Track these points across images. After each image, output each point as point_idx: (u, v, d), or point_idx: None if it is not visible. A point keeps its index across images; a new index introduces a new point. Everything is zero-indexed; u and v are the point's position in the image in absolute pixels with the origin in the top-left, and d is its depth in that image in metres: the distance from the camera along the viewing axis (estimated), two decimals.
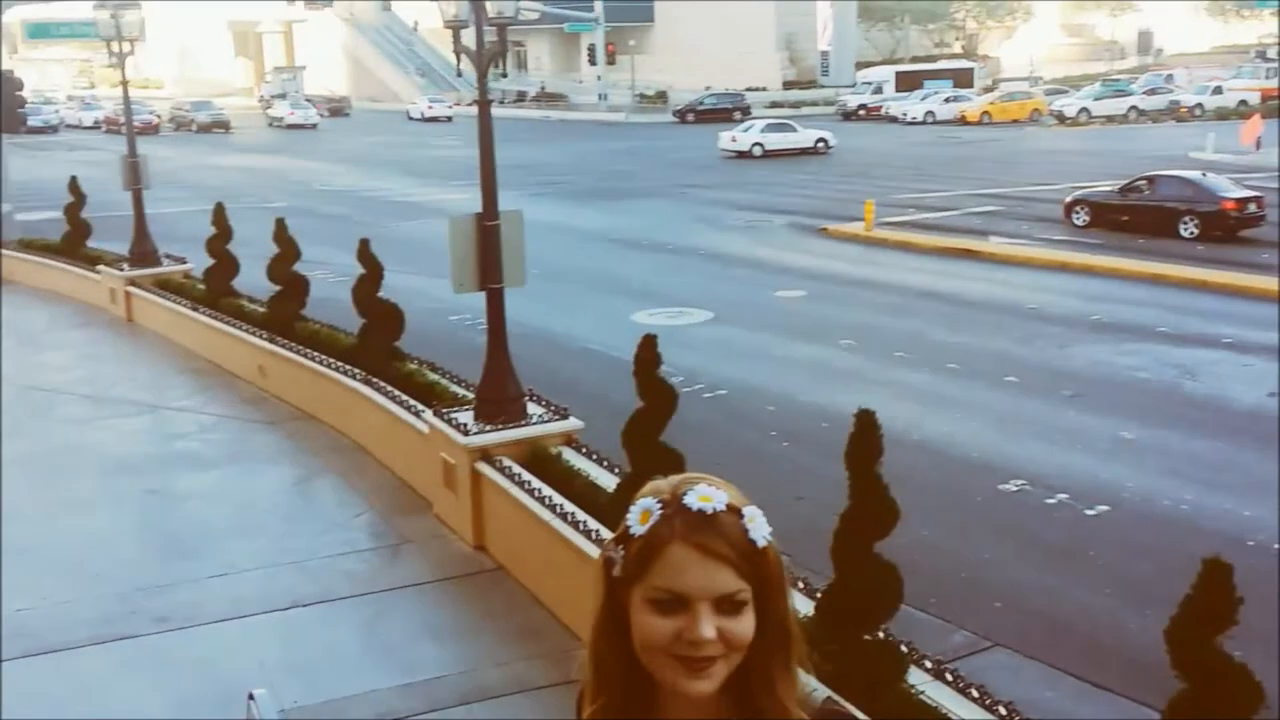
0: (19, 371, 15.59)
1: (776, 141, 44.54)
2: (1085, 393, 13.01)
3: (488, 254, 9.46)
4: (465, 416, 9.74)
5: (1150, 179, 24.41)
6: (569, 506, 8.20)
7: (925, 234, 24.65)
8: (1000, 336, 15.78)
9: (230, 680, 7.18)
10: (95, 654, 7.86)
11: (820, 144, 45.20)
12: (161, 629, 8.17)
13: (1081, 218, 24.99)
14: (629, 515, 1.79)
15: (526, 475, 8.84)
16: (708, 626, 1.70)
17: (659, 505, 1.76)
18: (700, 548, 1.71)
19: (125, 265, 18.15)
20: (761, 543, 1.75)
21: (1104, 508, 9.69)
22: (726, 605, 1.72)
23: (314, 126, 67.06)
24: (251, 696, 5.89)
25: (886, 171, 37.51)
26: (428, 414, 10.13)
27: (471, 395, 10.18)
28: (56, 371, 15.45)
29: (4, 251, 21.84)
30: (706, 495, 1.75)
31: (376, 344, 11.72)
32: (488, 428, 9.49)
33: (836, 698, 1.86)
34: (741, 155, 43.94)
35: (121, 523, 10.27)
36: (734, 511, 1.75)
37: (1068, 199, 25.83)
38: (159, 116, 65.33)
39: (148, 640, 8.04)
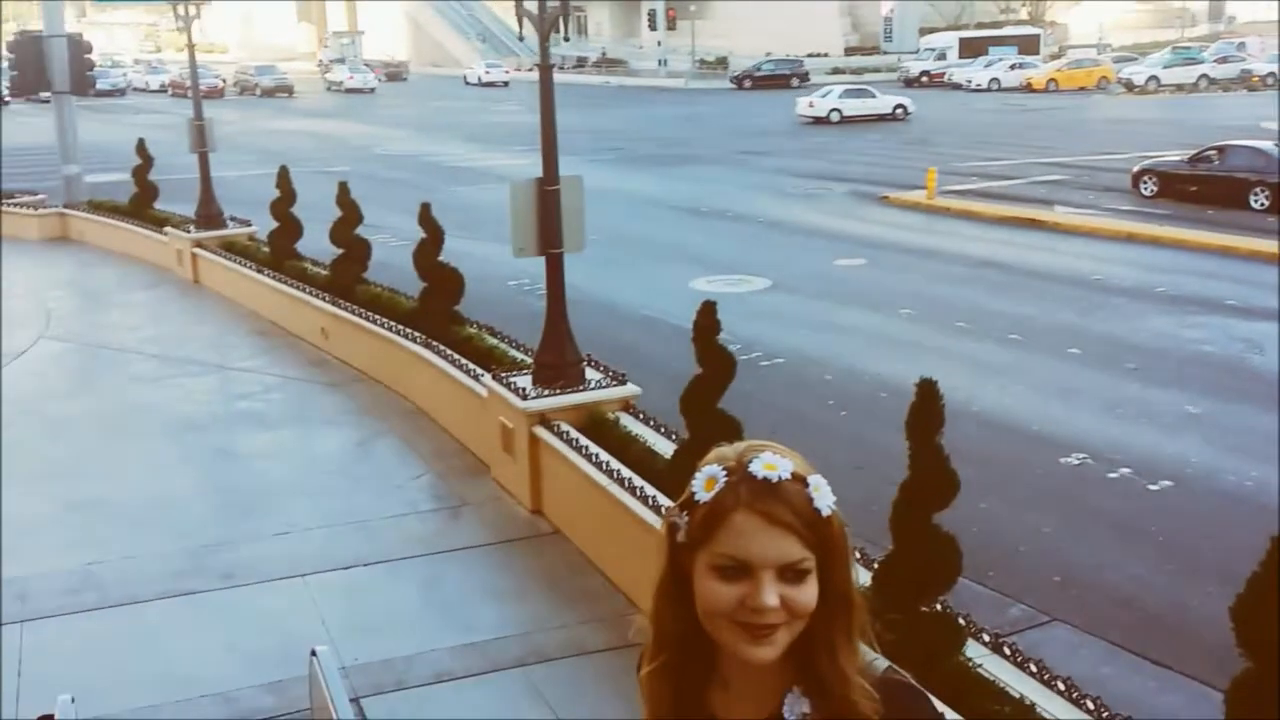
0: (90, 330, 15.94)
1: (855, 107, 44.07)
2: (1149, 366, 12.80)
3: (548, 219, 9.48)
4: (523, 381, 9.80)
5: (1220, 149, 23.85)
6: (626, 472, 8.23)
7: (988, 203, 24.31)
8: (1063, 307, 15.56)
9: (292, 637, 7.33)
10: (162, 608, 8.05)
11: (899, 110, 44.65)
12: (226, 585, 8.34)
13: (1149, 188, 24.50)
14: (694, 481, 1.80)
15: (584, 440, 8.89)
16: (771, 594, 1.71)
17: (724, 472, 1.76)
18: (765, 516, 1.72)
19: (191, 227, 18.40)
20: (826, 511, 1.75)
21: (1167, 483, 9.55)
22: (790, 573, 1.72)
23: (372, 91, 67.65)
24: (314, 653, 6.02)
25: (949, 139, 37.00)
26: (486, 378, 10.21)
27: (530, 360, 10.24)
28: (126, 331, 15.76)
29: (74, 212, 22.25)
30: (772, 463, 1.75)
31: (436, 308, 11.81)
32: (546, 392, 9.54)
33: (897, 668, 1.85)
34: (819, 121, 43.54)
35: (188, 480, 10.48)
36: (799, 480, 1.75)
37: (1135, 168, 25.34)
38: (224, 81, 66.05)
39: (213, 596, 8.22)
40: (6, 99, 59.35)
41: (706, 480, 1.77)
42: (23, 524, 9.48)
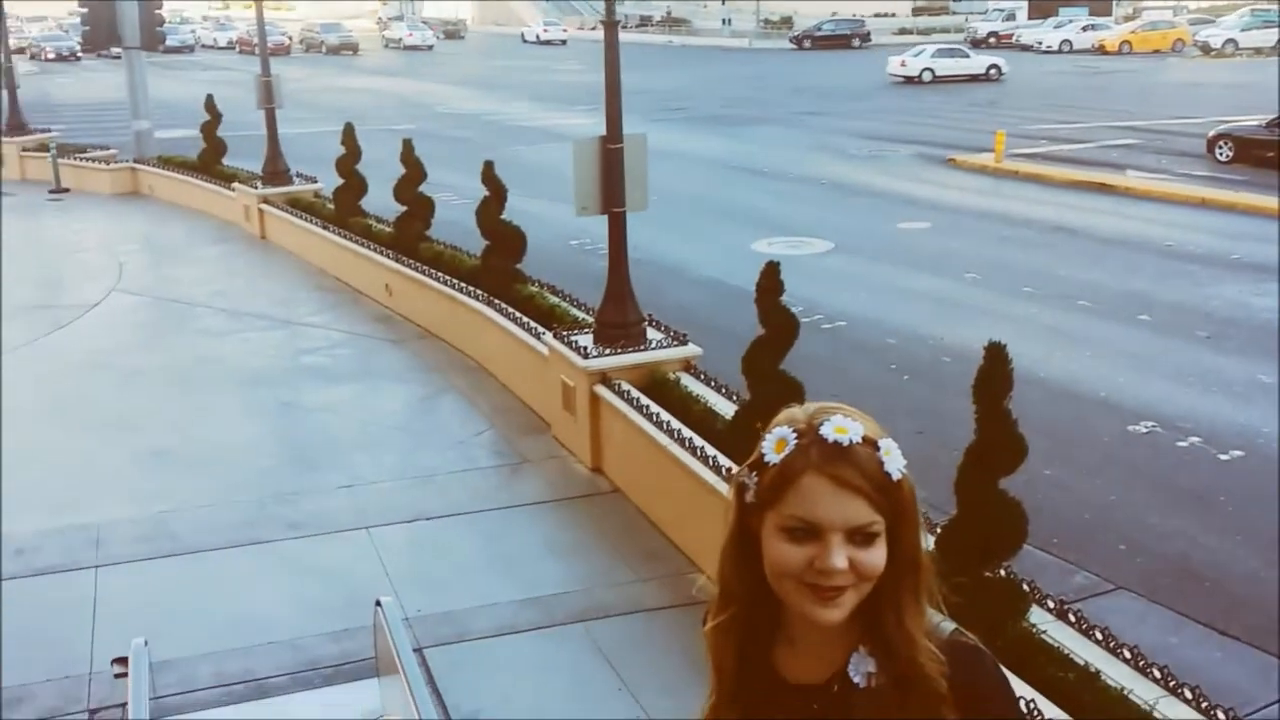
0: (160, 284, 16.22)
1: (947, 67, 43.45)
2: (1221, 334, 12.54)
3: (611, 177, 9.46)
4: (585, 340, 9.83)
5: None
6: (686, 432, 8.24)
7: (1058, 166, 23.87)
8: (1134, 274, 15.27)
9: (357, 587, 7.46)
10: (231, 556, 8.22)
11: (992, 70, 43.91)
12: (293, 535, 8.50)
13: (1225, 153, 23.90)
14: (764, 442, 1.79)
15: (645, 400, 8.90)
16: (839, 556, 1.70)
17: (795, 435, 1.76)
18: (834, 479, 1.72)
19: (259, 183, 18.61)
20: (896, 475, 1.74)
21: (1238, 453, 9.38)
22: (859, 536, 1.72)
23: (430, 48, 68.01)
24: (379, 603, 6.12)
25: (1018, 101, 36.33)
26: (548, 336, 10.24)
27: (591, 319, 10.26)
28: (195, 285, 16.01)
29: (144, 167, 22.59)
30: (843, 427, 1.74)
31: (499, 266, 11.86)
32: (607, 351, 9.56)
33: (964, 631, 1.85)
34: (910, 80, 42.99)
35: (256, 432, 10.66)
36: (870, 444, 1.74)
37: (1211, 133, 24.72)
38: (290, 38, 66.53)
39: (280, 545, 8.37)
40: (79, 54, 60.24)
41: (777, 442, 1.77)
42: (97, 472, 9.72)
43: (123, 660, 5.96)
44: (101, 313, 14.68)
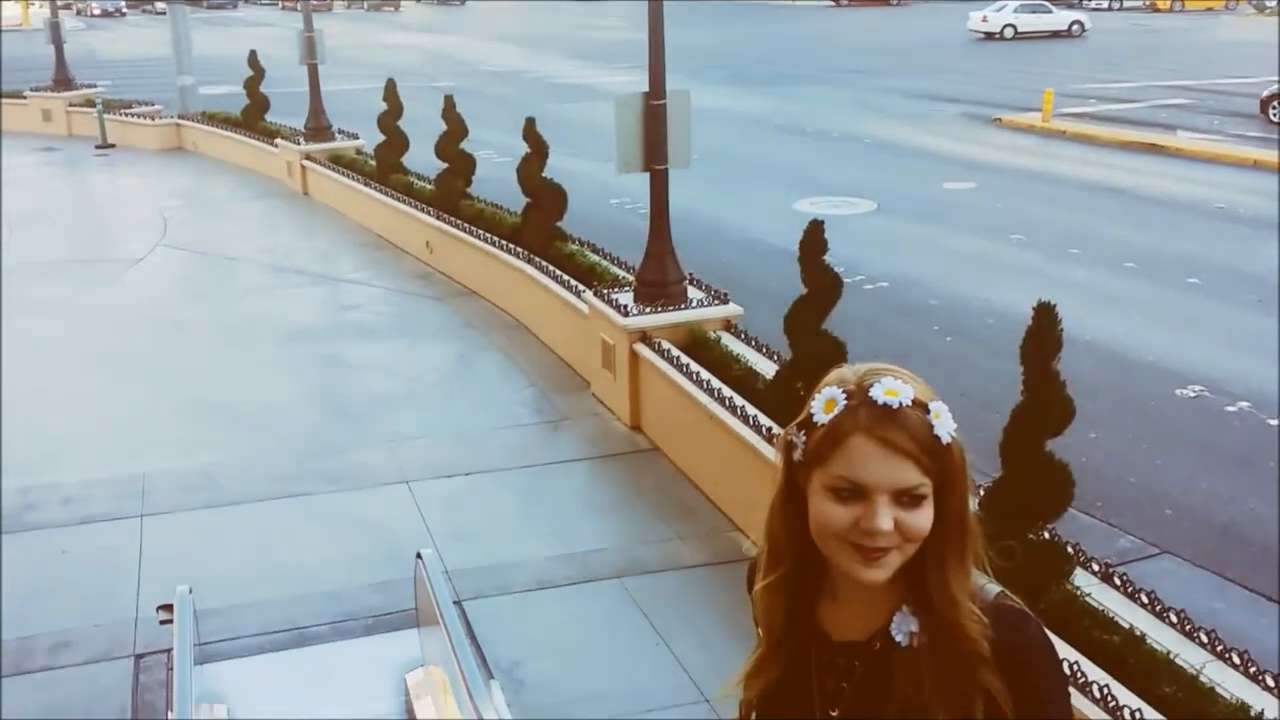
0: (204, 239, 16.33)
1: (1029, 23, 42.89)
2: (1272, 298, 12.30)
3: (653, 134, 9.38)
4: (625, 298, 9.80)
5: None
6: (726, 391, 8.21)
7: (1107, 126, 23.46)
8: (1183, 236, 15.01)
9: (397, 541, 7.52)
10: (274, 508, 8.31)
11: (1075, 26, 43.25)
12: (334, 489, 8.57)
13: (1279, 114, 23.38)
14: (813, 402, 1.78)
15: (685, 358, 8.88)
16: (885, 518, 1.69)
17: (844, 395, 1.74)
18: (883, 441, 1.70)
19: (301, 139, 18.66)
20: (946, 439, 1.72)
21: None
22: (905, 498, 1.71)
23: (461, 3, 68.34)
24: (419, 556, 6.16)
25: (1066, 59, 35.70)
26: (588, 294, 10.22)
27: (631, 278, 10.22)
28: (238, 240, 16.12)
29: (188, 123, 22.71)
30: (892, 389, 1.72)
31: (539, 223, 11.83)
32: (647, 310, 9.53)
33: (1009, 593, 1.84)
34: (990, 37, 42.45)
35: (298, 387, 10.74)
36: (920, 406, 1.72)
37: (1265, 93, 24.18)
38: None
39: (322, 498, 8.45)
40: (124, 10, 60.49)
41: (826, 402, 1.75)
42: (143, 424, 9.84)
43: (168, 607, 6.04)
44: (147, 267, 14.81)
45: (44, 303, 13.17)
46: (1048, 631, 1.86)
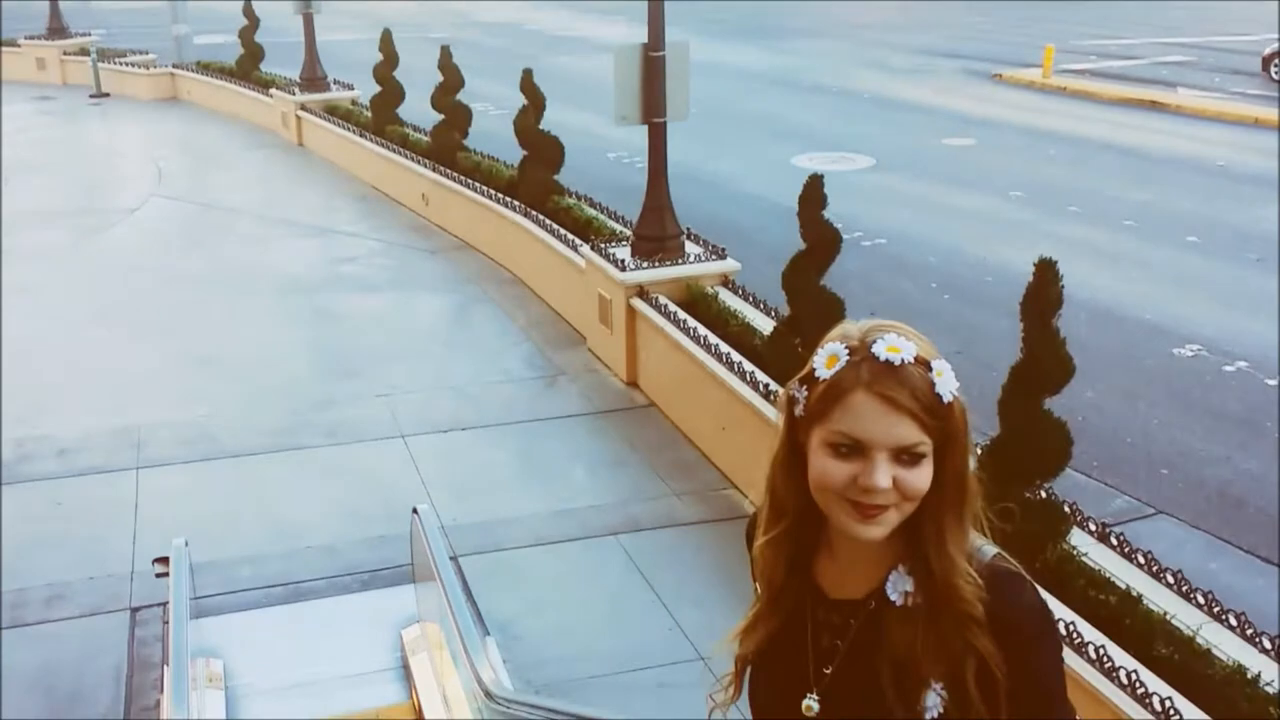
0: (199, 189, 16.20)
1: None
2: (1273, 257, 12.25)
3: (652, 86, 9.27)
4: (623, 253, 9.74)
5: None
6: (724, 347, 8.18)
7: (1107, 83, 23.26)
8: (1183, 194, 14.93)
9: (393, 495, 7.52)
10: (269, 461, 8.29)
11: None
12: (330, 443, 8.55)
13: None
14: (816, 357, 1.76)
15: (682, 314, 8.84)
16: (883, 475, 1.68)
17: (847, 351, 1.72)
18: (884, 398, 1.68)
19: (296, 89, 18.46)
20: (948, 398, 1.70)
21: None
22: (905, 456, 1.69)
23: None
24: (415, 511, 6.15)
25: (1066, 14, 35.34)
26: (585, 249, 10.16)
27: (628, 232, 10.15)
28: (233, 191, 15.99)
29: (183, 72, 22.47)
30: (895, 346, 1.70)
31: (536, 177, 11.72)
32: (644, 264, 9.47)
33: (1005, 555, 1.82)
34: None
35: (294, 339, 10.70)
36: (922, 364, 1.71)
37: (1267, 50, 23.94)
38: None
39: (317, 452, 8.43)
40: None
41: (828, 357, 1.74)
42: (138, 376, 9.80)
43: (164, 560, 6.05)
44: (141, 217, 14.71)
45: (37, 253, 13.08)
46: (1043, 594, 1.84)
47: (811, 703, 1.82)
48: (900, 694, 1.73)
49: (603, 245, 9.98)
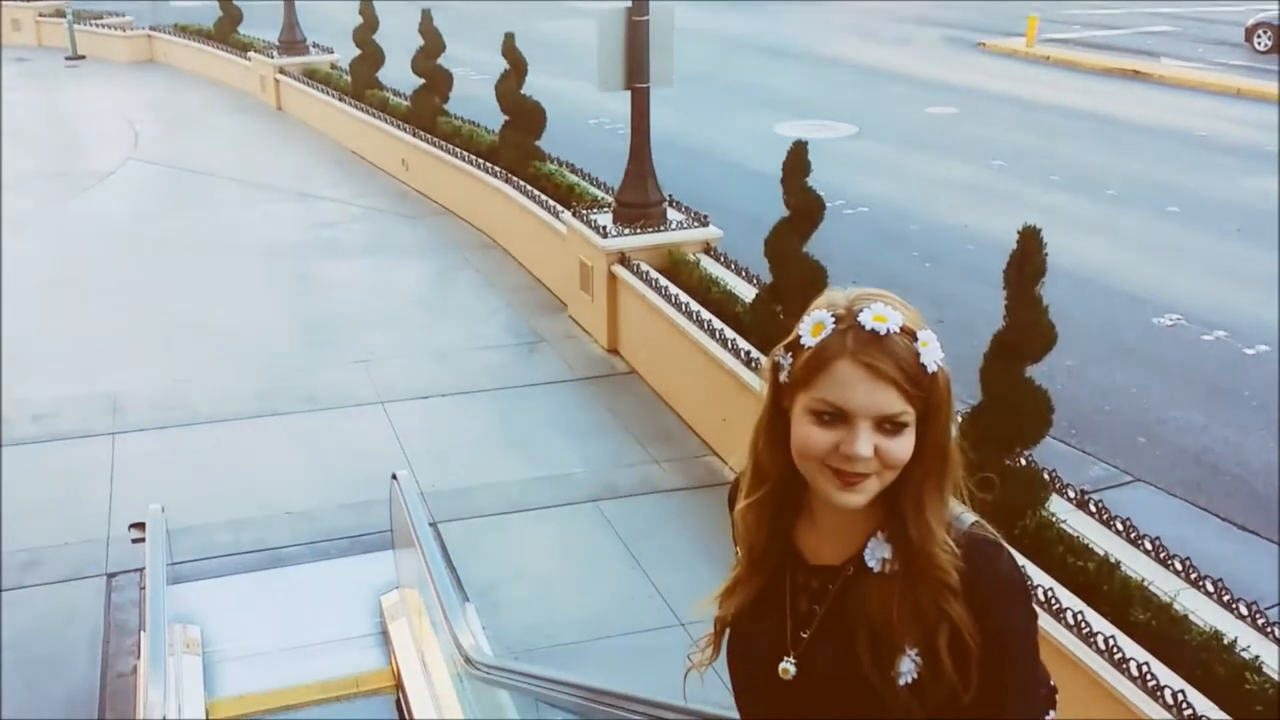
0: (176, 153, 16.02)
1: None
2: (1253, 227, 12.28)
3: (635, 51, 9.19)
4: (604, 219, 9.69)
5: None
6: (705, 314, 8.16)
7: (1091, 53, 23.22)
8: (1165, 164, 14.94)
9: (372, 461, 7.48)
10: (247, 427, 8.24)
11: None
12: (309, 408, 8.50)
13: (1264, 42, 23.20)
14: (802, 324, 1.75)
15: (663, 281, 8.80)
16: (865, 444, 1.67)
17: (833, 319, 1.71)
18: (868, 367, 1.67)
19: (275, 53, 18.26)
20: (932, 368, 1.70)
21: (1264, 347, 9.25)
22: (887, 425, 1.69)
23: None
24: (394, 477, 6.13)
25: None
26: (566, 215, 10.10)
27: (610, 199, 10.09)
28: (210, 154, 15.82)
29: (160, 34, 22.19)
30: (881, 315, 1.69)
31: (517, 142, 11.63)
32: (626, 231, 9.42)
33: (984, 523, 1.82)
34: None
35: (272, 305, 10.61)
36: (908, 334, 1.70)
37: (1250, 21, 23.96)
38: None
39: (296, 418, 8.38)
40: None
41: (814, 325, 1.73)
42: (114, 340, 9.72)
43: (139, 525, 6.01)
44: (117, 181, 14.55)
45: (12, 217, 12.92)
46: (1020, 564, 1.83)
47: (788, 665, 1.83)
48: (875, 658, 1.73)
49: (584, 212, 9.92)
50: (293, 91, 17.61)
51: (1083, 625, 4.55)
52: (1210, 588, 4.70)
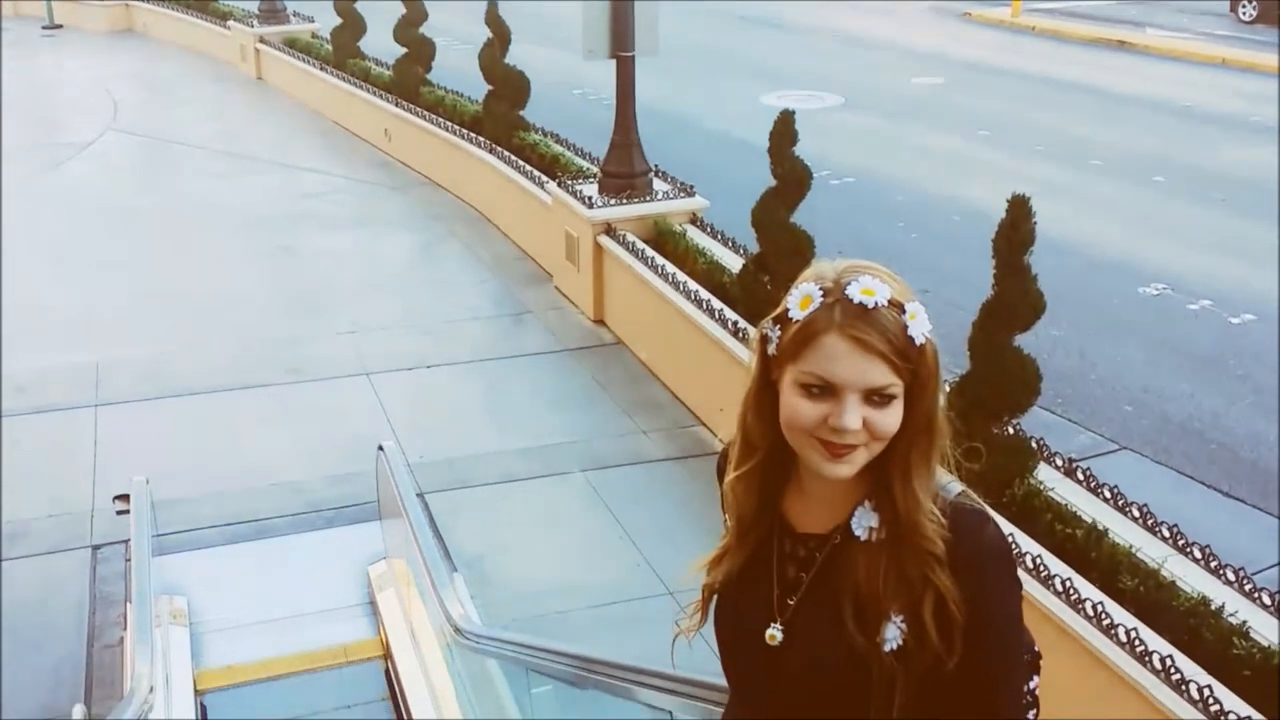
0: (155, 124, 15.86)
1: None
2: (1238, 197, 12.31)
3: (620, 19, 9.11)
4: (589, 190, 9.64)
5: None
6: (692, 285, 8.13)
7: (1077, 22, 23.19)
8: (1150, 134, 14.94)
9: (358, 433, 7.45)
10: (232, 399, 8.19)
11: None
12: (293, 380, 8.46)
13: (1249, 11, 23.20)
14: (789, 296, 1.76)
15: (649, 251, 8.77)
16: (854, 416, 1.69)
17: (820, 292, 1.73)
18: (856, 340, 1.69)
19: (254, 21, 18.07)
20: (920, 340, 1.71)
21: (1249, 317, 9.28)
22: (876, 397, 1.70)
23: None
24: (381, 449, 6.10)
25: None
26: (551, 185, 10.04)
27: (595, 169, 10.04)
28: (190, 125, 15.66)
29: (138, 3, 21.93)
30: (869, 288, 1.70)
31: (501, 112, 11.54)
32: (612, 202, 9.38)
33: (970, 493, 1.84)
34: None
35: (254, 276, 10.53)
36: (896, 306, 1.71)
37: None
38: None
39: (281, 389, 8.34)
40: None
41: (802, 298, 1.74)
42: (96, 312, 9.64)
43: (124, 497, 5.97)
44: (96, 152, 14.40)
45: None
46: (1006, 533, 1.85)
47: (775, 632, 1.84)
48: (861, 625, 1.75)
49: (569, 182, 9.86)
50: (273, 61, 17.44)
51: (1071, 592, 4.57)
52: (1198, 554, 4.72)
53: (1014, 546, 4.81)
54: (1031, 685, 1.94)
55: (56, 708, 5.31)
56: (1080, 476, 5.34)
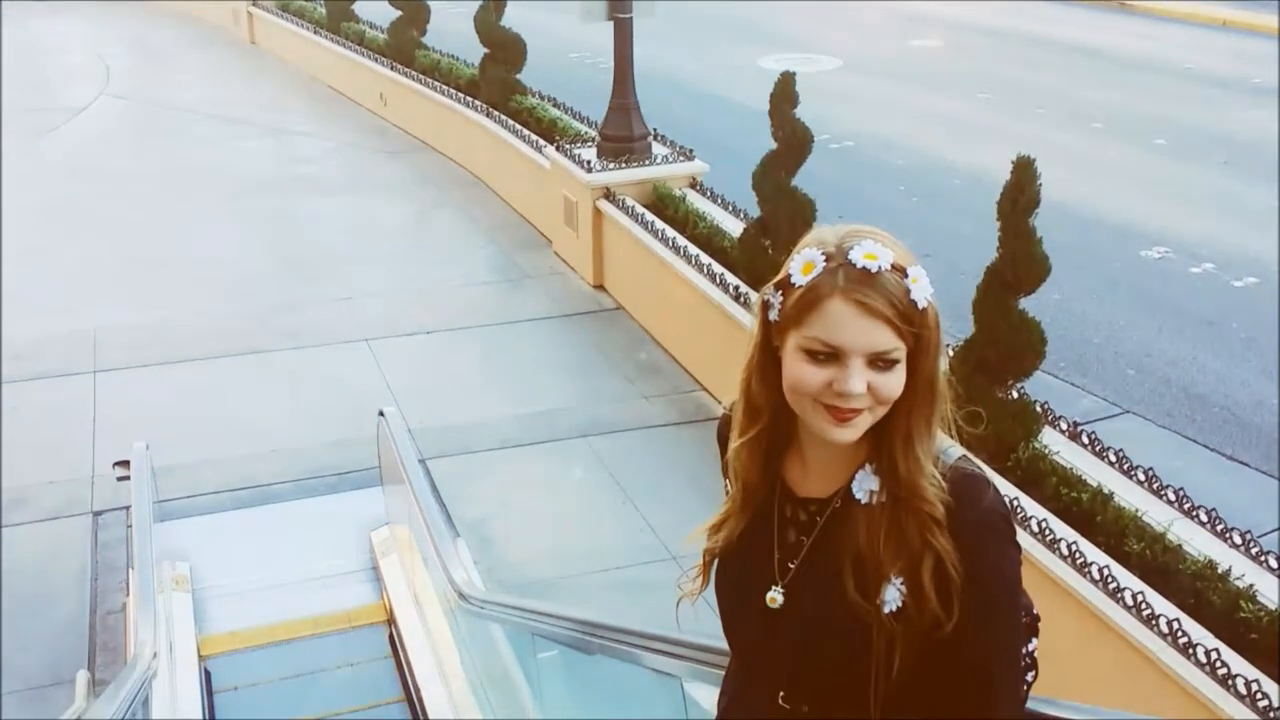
0: (149, 88, 15.72)
1: None
2: (1240, 159, 12.23)
3: None
4: (588, 154, 9.57)
5: None
6: (692, 249, 8.08)
7: None
8: (1151, 96, 14.83)
9: (357, 398, 7.42)
10: (231, 365, 8.16)
11: None
12: (292, 346, 8.42)
13: None
14: (791, 262, 1.75)
15: (649, 215, 8.71)
16: (858, 380, 1.68)
17: (823, 257, 1.71)
18: (860, 305, 1.68)
19: None
20: (922, 303, 1.71)
21: (1252, 279, 9.24)
22: (879, 361, 1.70)
23: None
24: (382, 414, 6.08)
25: None
26: (549, 150, 9.97)
27: (593, 133, 9.96)
28: (184, 90, 15.54)
29: None
30: (872, 253, 1.70)
31: (498, 76, 11.44)
32: (611, 166, 9.31)
33: (970, 457, 1.83)
34: None
35: (251, 242, 10.47)
36: (898, 270, 1.70)
37: None
38: None
39: (280, 355, 8.31)
40: None
41: (805, 264, 1.72)
42: (93, 278, 9.58)
43: (124, 463, 5.95)
44: (90, 117, 14.29)
45: None
46: (1005, 498, 1.85)
47: (776, 595, 1.85)
48: (860, 587, 1.76)
49: (567, 146, 9.79)
50: (267, 25, 17.28)
51: (1077, 556, 4.56)
52: (1204, 517, 4.71)
53: (1019, 510, 4.81)
54: (1030, 647, 1.93)
55: (60, 674, 5.32)
56: (1085, 440, 5.32)
